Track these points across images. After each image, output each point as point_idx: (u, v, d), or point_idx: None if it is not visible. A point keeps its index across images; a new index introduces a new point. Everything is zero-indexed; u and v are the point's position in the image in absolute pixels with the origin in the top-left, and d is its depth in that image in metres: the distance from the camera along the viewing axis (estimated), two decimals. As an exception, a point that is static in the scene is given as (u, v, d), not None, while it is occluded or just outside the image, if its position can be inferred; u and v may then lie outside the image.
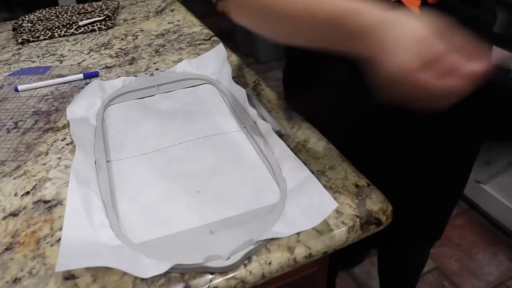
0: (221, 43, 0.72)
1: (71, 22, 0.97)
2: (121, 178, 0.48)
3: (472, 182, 1.33)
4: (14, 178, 0.50)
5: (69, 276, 0.37)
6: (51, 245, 0.41)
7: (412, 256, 0.89)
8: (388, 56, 0.34)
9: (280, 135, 0.52)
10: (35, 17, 1.01)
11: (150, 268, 0.36)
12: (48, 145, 0.56)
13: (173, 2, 1.16)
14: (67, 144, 0.56)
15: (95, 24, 0.97)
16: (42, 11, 1.06)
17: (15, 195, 0.48)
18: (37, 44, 0.93)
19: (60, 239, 0.38)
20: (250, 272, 0.37)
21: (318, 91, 0.62)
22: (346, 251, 0.42)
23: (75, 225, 0.39)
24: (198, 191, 0.45)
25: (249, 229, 0.39)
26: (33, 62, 0.84)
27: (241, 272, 0.37)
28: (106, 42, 0.90)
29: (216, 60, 0.69)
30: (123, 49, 0.86)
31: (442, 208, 0.76)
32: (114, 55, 0.83)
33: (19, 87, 0.71)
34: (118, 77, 0.72)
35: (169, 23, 0.99)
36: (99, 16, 0.99)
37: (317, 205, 0.40)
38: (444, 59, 0.33)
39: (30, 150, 0.55)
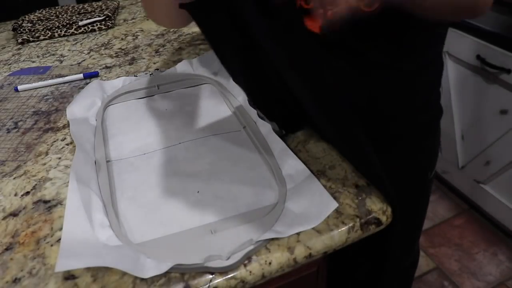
0: (221, 43, 0.71)
1: (71, 22, 0.97)
2: (121, 178, 0.48)
3: (472, 182, 1.33)
4: (14, 178, 0.50)
5: (69, 276, 0.37)
6: (51, 245, 0.41)
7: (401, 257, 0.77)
8: None
9: (280, 135, 0.52)
10: (35, 17, 1.01)
11: (150, 268, 0.36)
12: (48, 145, 0.56)
13: (173, 2, 1.16)
14: (67, 144, 0.56)
15: (95, 24, 0.97)
16: (42, 11, 1.06)
17: (15, 195, 0.48)
18: (37, 44, 0.93)
19: (60, 239, 0.38)
20: (250, 272, 0.37)
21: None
22: None
23: (75, 225, 0.39)
24: (198, 191, 0.45)
25: (249, 229, 0.39)
26: (33, 62, 0.84)
27: (241, 272, 0.37)
28: (106, 42, 0.90)
29: (216, 60, 0.69)
30: (123, 49, 0.86)
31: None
32: (114, 55, 0.83)
33: (19, 87, 0.71)
34: (118, 77, 0.72)
35: (169, 23, 0.99)
36: (99, 16, 0.99)
37: (317, 205, 0.40)
38: None
39: (30, 150, 0.55)
